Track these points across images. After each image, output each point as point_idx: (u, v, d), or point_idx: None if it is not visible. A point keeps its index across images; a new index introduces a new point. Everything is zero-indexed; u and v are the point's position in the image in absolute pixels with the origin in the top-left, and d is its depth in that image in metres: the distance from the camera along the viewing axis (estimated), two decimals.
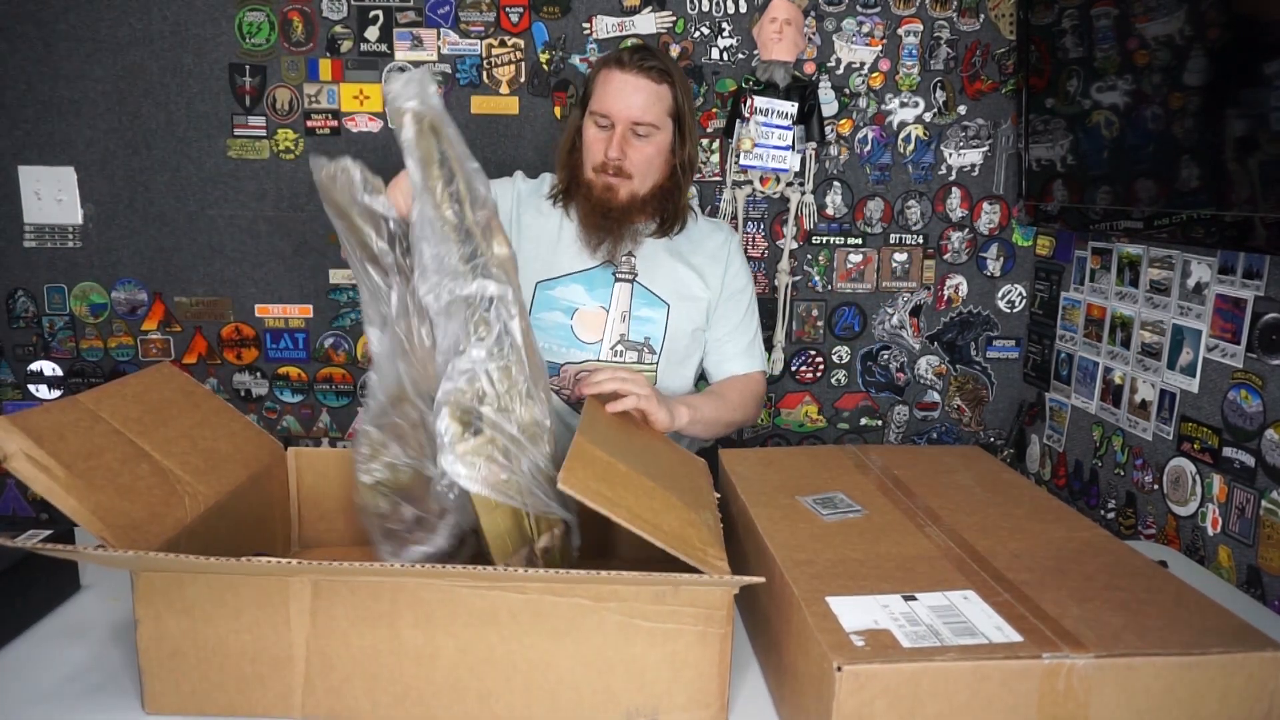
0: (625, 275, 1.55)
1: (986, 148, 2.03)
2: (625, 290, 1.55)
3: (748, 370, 1.63)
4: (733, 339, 1.62)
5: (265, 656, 0.92)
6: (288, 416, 2.12)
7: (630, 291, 1.55)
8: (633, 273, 1.55)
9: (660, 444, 1.23)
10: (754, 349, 1.65)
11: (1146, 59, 1.47)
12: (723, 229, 1.67)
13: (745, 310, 1.64)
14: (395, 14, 1.96)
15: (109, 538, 0.92)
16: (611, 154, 1.47)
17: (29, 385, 2.09)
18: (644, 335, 1.55)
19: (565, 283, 1.54)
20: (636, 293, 1.55)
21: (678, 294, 1.57)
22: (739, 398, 1.58)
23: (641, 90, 1.47)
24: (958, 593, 0.91)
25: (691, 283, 1.58)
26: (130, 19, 1.94)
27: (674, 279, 1.57)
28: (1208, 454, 1.50)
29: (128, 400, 1.11)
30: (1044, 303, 2.02)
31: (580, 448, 0.96)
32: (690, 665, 0.91)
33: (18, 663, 1.04)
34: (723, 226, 1.69)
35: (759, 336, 1.67)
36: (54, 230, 2.02)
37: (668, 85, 1.49)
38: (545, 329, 1.53)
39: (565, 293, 1.54)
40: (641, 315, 1.55)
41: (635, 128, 1.48)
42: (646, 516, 0.91)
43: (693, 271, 1.58)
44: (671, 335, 1.56)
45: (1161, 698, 0.81)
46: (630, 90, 1.47)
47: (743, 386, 1.61)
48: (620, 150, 1.47)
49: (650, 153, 1.49)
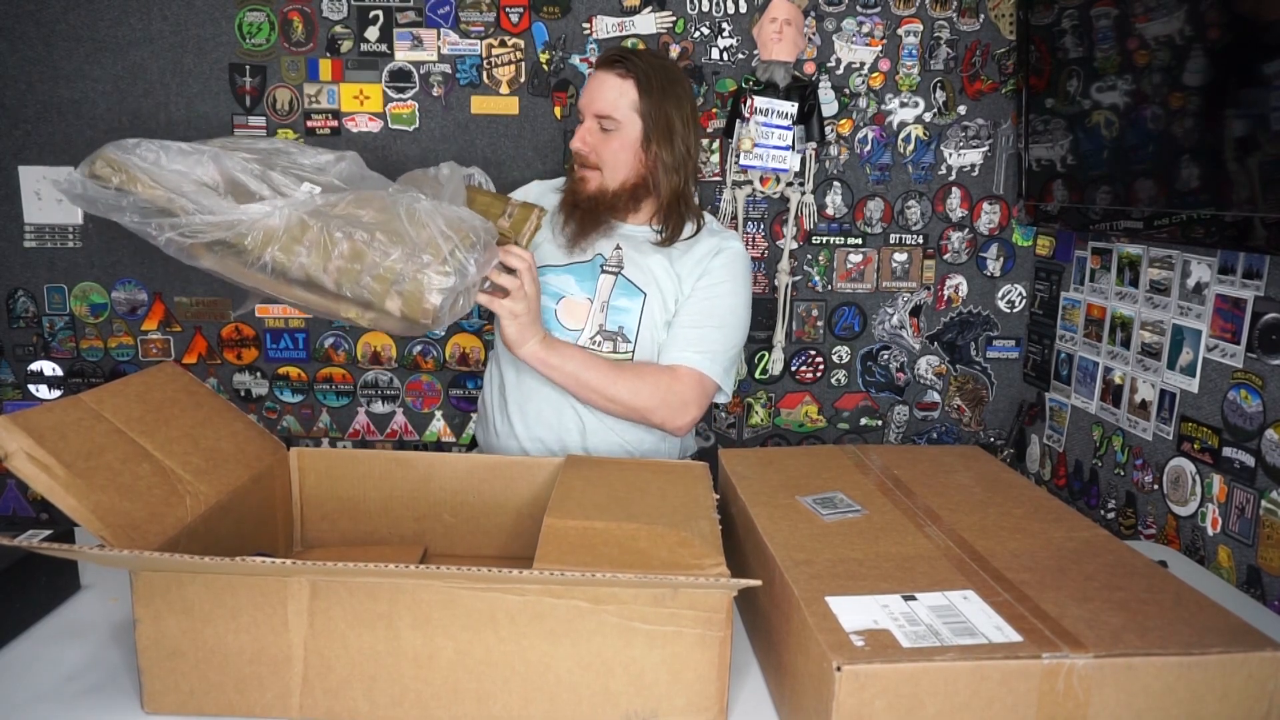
0: (611, 268, 1.59)
1: (986, 148, 2.03)
2: (609, 282, 1.58)
3: (681, 362, 1.53)
4: (685, 331, 1.55)
5: (264, 657, 0.93)
6: (288, 416, 2.12)
7: (613, 283, 1.58)
8: (619, 266, 1.59)
9: (649, 472, 1.23)
10: (704, 349, 1.54)
11: (1146, 59, 1.47)
12: (720, 239, 1.63)
13: (709, 312, 1.56)
14: (395, 14, 1.96)
15: (108, 537, 0.92)
16: (575, 144, 1.56)
17: (29, 385, 2.09)
18: (619, 324, 1.57)
19: (559, 272, 1.59)
20: (618, 284, 1.58)
21: (656, 284, 1.58)
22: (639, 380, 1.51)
23: (605, 85, 1.54)
24: (957, 593, 0.91)
25: (669, 277, 1.59)
26: (130, 19, 1.94)
27: (655, 271, 1.59)
28: (1208, 454, 1.50)
29: (130, 399, 1.11)
30: (1044, 303, 2.02)
31: (549, 531, 0.99)
32: (689, 668, 0.91)
33: (18, 662, 1.04)
34: (725, 237, 1.64)
35: (723, 348, 1.55)
36: (54, 230, 2.02)
37: (632, 81, 1.54)
38: None
39: (557, 280, 1.59)
40: (618, 305, 1.57)
41: (601, 121, 1.54)
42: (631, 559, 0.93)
43: (674, 268, 1.59)
44: (646, 324, 1.56)
45: (1161, 698, 0.81)
46: (595, 85, 1.55)
47: (656, 373, 1.53)
48: (583, 141, 1.55)
49: (614, 146, 1.54)
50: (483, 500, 1.31)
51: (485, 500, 1.31)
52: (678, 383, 1.52)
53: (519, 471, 1.30)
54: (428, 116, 2.00)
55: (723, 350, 1.56)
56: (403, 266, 1.20)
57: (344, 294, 1.23)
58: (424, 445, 2.14)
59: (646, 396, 1.51)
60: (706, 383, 1.54)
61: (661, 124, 1.54)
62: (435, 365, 2.10)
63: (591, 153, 1.55)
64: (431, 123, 2.00)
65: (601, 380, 1.50)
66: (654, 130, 1.54)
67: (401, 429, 2.13)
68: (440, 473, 1.30)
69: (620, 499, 1.10)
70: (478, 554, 1.32)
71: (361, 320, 1.25)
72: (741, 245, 1.64)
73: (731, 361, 1.59)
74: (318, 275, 1.22)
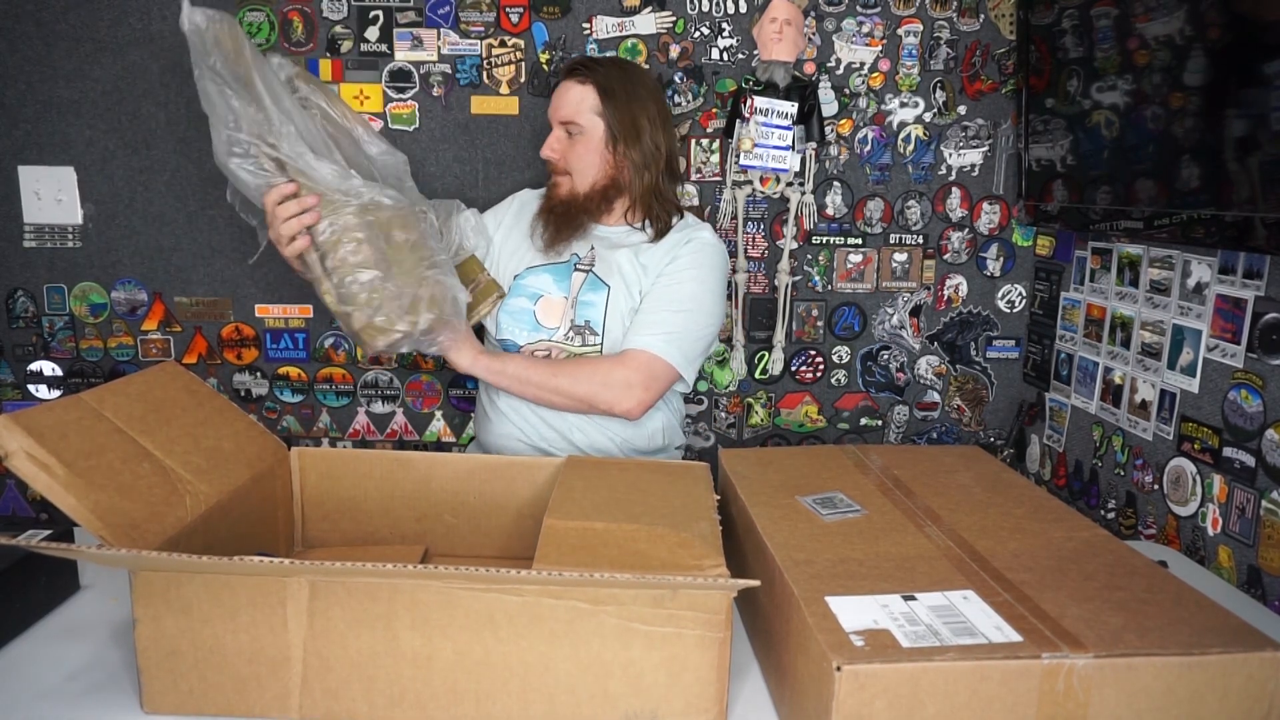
0: (584, 266, 1.63)
1: (986, 148, 2.03)
2: (580, 279, 1.62)
3: (631, 345, 1.53)
4: (642, 316, 1.56)
5: (263, 657, 0.92)
6: (288, 416, 2.12)
7: (583, 280, 1.62)
8: (591, 264, 1.62)
9: (649, 473, 1.23)
10: (658, 332, 1.53)
11: (1146, 59, 1.47)
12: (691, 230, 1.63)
13: (670, 298, 1.55)
14: (395, 14, 1.96)
15: (107, 536, 0.92)
16: (544, 152, 1.63)
17: (29, 385, 2.09)
18: (585, 319, 1.60)
19: (537, 272, 1.64)
20: (588, 280, 1.61)
21: (620, 276, 1.60)
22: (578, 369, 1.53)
23: (567, 93, 1.60)
24: (957, 593, 0.91)
25: (633, 267, 1.60)
26: (130, 19, 1.94)
27: (620, 264, 1.60)
28: (1208, 454, 1.50)
29: (131, 399, 1.12)
30: (1044, 303, 2.02)
31: (549, 532, 1.00)
32: (689, 669, 0.91)
33: (18, 662, 1.04)
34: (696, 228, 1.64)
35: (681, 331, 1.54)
36: (54, 230, 2.02)
37: (591, 86, 1.59)
38: (512, 313, 1.64)
39: (535, 281, 1.64)
40: (586, 300, 1.60)
41: (566, 127, 1.61)
42: (631, 560, 0.93)
43: (639, 260, 1.61)
44: (612, 316, 1.58)
45: (1161, 698, 0.81)
46: (559, 94, 1.62)
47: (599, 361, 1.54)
48: (551, 148, 1.62)
49: (580, 150, 1.60)
50: (483, 500, 1.31)
51: (486, 500, 1.31)
52: (620, 366, 1.52)
53: (519, 472, 1.30)
54: (428, 116, 1.99)
55: (681, 333, 1.54)
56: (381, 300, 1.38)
57: (331, 278, 1.40)
58: (424, 445, 2.14)
59: (586, 382, 1.52)
60: (656, 364, 1.52)
61: (626, 124, 1.58)
62: (435, 365, 2.10)
63: (560, 159, 1.61)
64: (431, 123, 2.00)
65: (543, 375, 1.54)
66: (619, 131, 1.58)
67: (401, 429, 2.13)
68: (441, 473, 1.30)
69: (620, 500, 1.10)
70: (478, 554, 1.32)
71: (329, 303, 1.42)
72: (712, 236, 1.64)
73: (693, 347, 1.56)
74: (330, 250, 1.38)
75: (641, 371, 1.52)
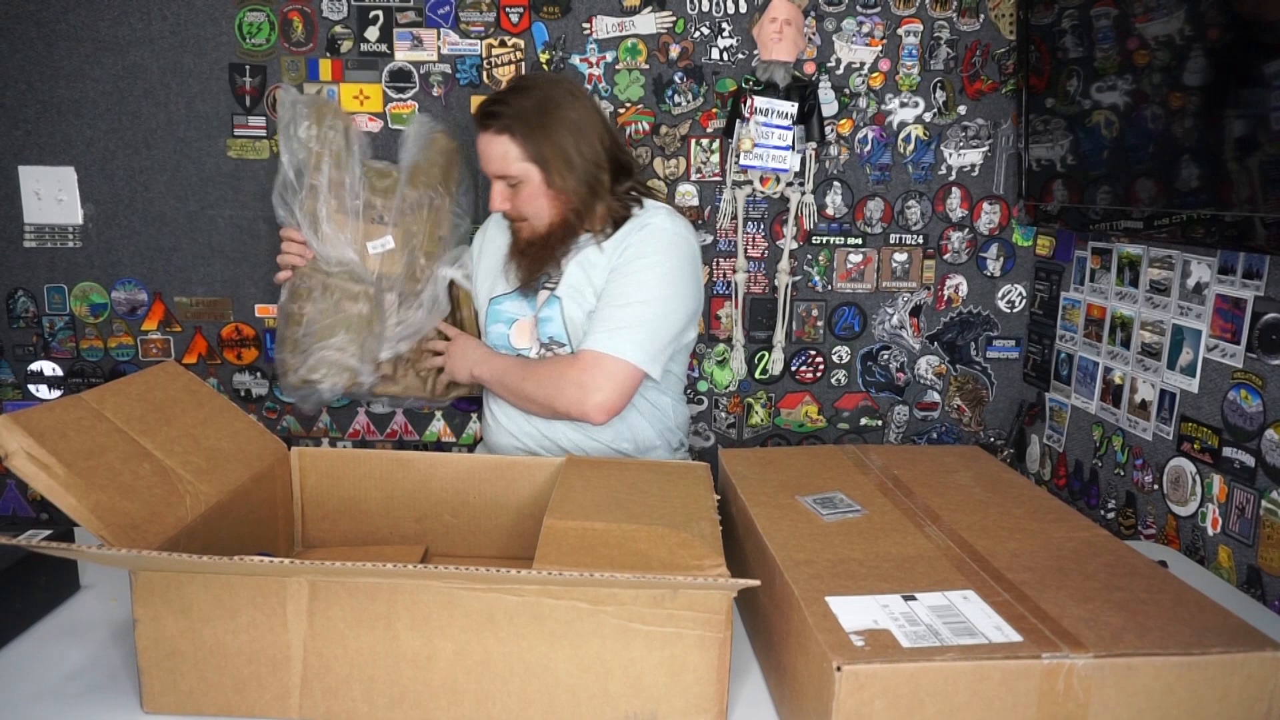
0: (548, 285, 1.62)
1: (986, 148, 2.03)
2: (542, 298, 1.62)
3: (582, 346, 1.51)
4: (595, 316, 1.53)
5: (263, 657, 0.93)
6: (288, 416, 2.12)
7: (544, 298, 1.62)
8: (553, 283, 1.61)
9: (649, 473, 1.23)
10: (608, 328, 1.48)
11: (1146, 59, 1.47)
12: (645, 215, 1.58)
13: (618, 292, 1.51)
14: (395, 14, 1.96)
15: (107, 536, 0.92)
16: (493, 207, 1.59)
17: (29, 385, 2.09)
18: (549, 335, 1.60)
19: (513, 297, 1.65)
20: (548, 298, 1.61)
21: (568, 285, 1.58)
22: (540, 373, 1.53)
23: (489, 147, 1.54)
24: (957, 592, 0.91)
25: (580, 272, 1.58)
26: (130, 19, 1.94)
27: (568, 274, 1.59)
28: (1208, 454, 1.50)
29: (131, 399, 1.12)
30: (1044, 303, 2.02)
31: (549, 532, 1.00)
32: (689, 669, 0.91)
33: (18, 662, 1.04)
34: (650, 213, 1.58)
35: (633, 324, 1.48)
36: (54, 230, 2.03)
37: (506, 136, 1.52)
38: (491, 339, 1.68)
39: (509, 306, 1.65)
40: (544, 316, 1.60)
41: (504, 180, 1.55)
42: (631, 560, 0.93)
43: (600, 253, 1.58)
44: (570, 324, 1.58)
45: (1161, 698, 0.81)
46: (482, 149, 1.56)
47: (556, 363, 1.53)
48: (498, 204, 1.58)
49: (525, 197, 1.56)
50: (483, 500, 1.31)
51: (486, 500, 1.31)
52: (572, 368, 1.49)
53: (519, 471, 1.30)
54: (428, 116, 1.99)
55: (630, 327, 1.48)
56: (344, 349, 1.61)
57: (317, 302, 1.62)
58: (424, 445, 2.14)
59: (546, 387, 1.51)
60: (605, 361, 1.46)
61: (556, 158, 1.52)
62: None
63: (512, 209, 1.57)
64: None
65: (515, 380, 1.55)
66: (552, 168, 1.52)
67: (401, 429, 2.13)
68: (441, 473, 1.31)
69: (620, 499, 1.10)
70: (479, 554, 1.32)
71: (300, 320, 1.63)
72: (666, 219, 1.56)
73: (650, 339, 1.49)
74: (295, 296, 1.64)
75: (589, 371, 1.46)
